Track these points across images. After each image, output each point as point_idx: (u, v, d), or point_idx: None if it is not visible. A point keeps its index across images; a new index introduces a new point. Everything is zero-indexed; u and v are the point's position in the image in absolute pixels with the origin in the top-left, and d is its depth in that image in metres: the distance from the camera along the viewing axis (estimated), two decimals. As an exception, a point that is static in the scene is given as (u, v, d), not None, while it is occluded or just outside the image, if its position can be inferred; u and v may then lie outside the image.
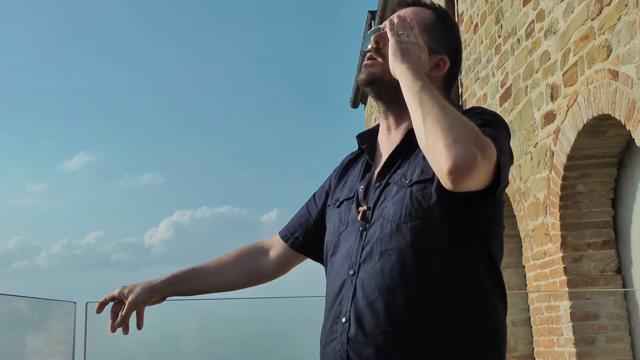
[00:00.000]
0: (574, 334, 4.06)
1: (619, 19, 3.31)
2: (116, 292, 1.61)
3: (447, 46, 1.45)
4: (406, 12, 1.47)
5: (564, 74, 4.01)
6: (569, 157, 4.02)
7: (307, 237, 1.59)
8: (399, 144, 1.39)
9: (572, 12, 3.87)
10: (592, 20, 3.60)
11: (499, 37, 5.21)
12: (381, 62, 1.42)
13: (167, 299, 1.64)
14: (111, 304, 1.62)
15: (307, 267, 1.67)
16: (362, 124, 13.32)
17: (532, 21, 4.50)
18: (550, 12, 4.21)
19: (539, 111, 4.43)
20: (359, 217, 1.37)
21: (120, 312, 1.58)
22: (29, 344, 2.61)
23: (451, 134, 1.14)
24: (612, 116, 3.42)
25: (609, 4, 3.41)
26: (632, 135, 3.26)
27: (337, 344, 1.30)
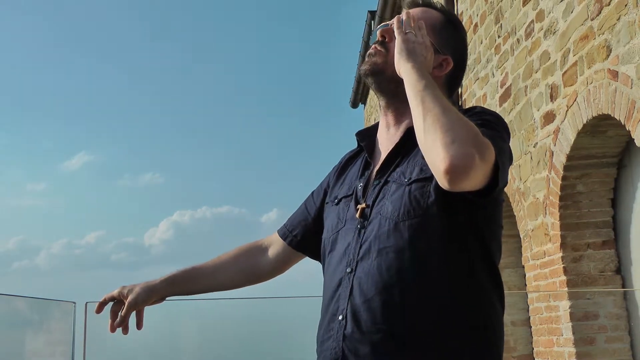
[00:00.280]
0: (574, 334, 4.06)
1: (619, 19, 3.31)
2: (115, 292, 1.61)
3: (452, 48, 1.45)
4: (415, 12, 1.47)
5: (563, 74, 4.01)
6: (569, 157, 4.02)
7: (305, 235, 1.59)
8: (398, 141, 1.39)
9: (571, 12, 3.87)
10: (592, 20, 3.60)
11: (499, 37, 5.21)
12: (384, 53, 1.43)
13: (166, 299, 1.64)
14: (111, 304, 1.62)
15: (307, 267, 1.67)
16: (361, 124, 13.32)
17: (532, 21, 4.50)
18: (549, 12, 4.21)
19: (538, 111, 4.43)
20: (357, 215, 1.37)
21: (119, 312, 1.59)
22: (28, 344, 2.61)
23: (450, 134, 1.14)
24: (612, 116, 3.42)
25: (609, 4, 3.41)
26: (632, 135, 3.26)
27: (333, 341, 1.30)
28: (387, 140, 1.45)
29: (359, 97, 12.49)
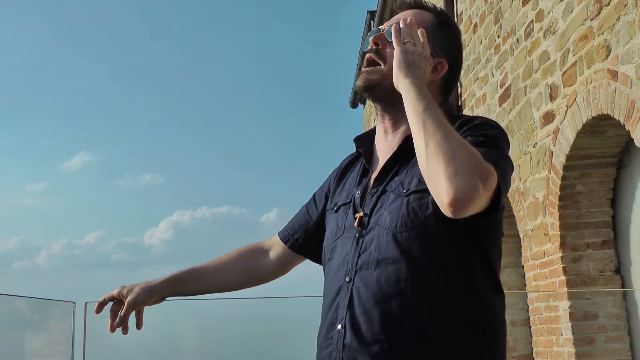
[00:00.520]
0: (573, 334, 4.06)
1: (618, 19, 3.31)
2: (115, 292, 1.61)
3: (446, 50, 1.44)
4: (407, 14, 1.45)
5: (563, 74, 4.02)
6: (568, 157, 4.03)
7: (306, 239, 1.60)
8: (396, 150, 1.38)
9: (571, 12, 3.87)
10: (592, 20, 3.60)
11: (498, 37, 5.21)
12: (380, 67, 1.41)
13: (166, 299, 1.65)
14: (110, 304, 1.62)
15: (308, 267, 1.67)
16: (361, 124, 13.33)
17: (532, 21, 4.50)
18: (549, 12, 4.21)
19: (538, 111, 4.43)
20: (355, 224, 1.36)
21: (119, 312, 1.59)
22: (28, 344, 2.61)
23: (453, 164, 1.13)
24: (612, 116, 3.43)
25: (608, 4, 3.41)
26: (631, 135, 3.26)
27: (332, 350, 1.30)
28: (384, 146, 1.44)
29: (359, 97, 12.48)
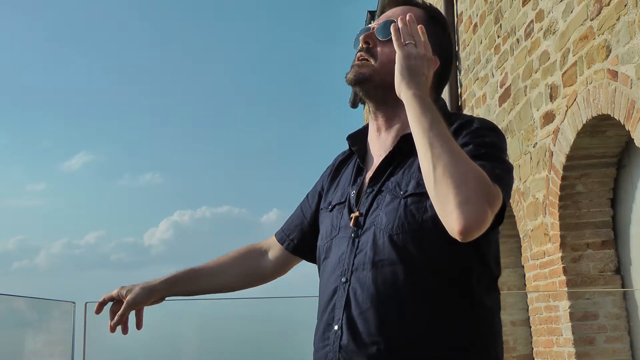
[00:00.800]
0: (573, 334, 4.06)
1: (618, 19, 3.31)
2: (115, 292, 1.61)
3: (437, 46, 1.42)
4: (395, 11, 1.45)
5: (563, 74, 4.02)
6: (568, 157, 4.03)
7: (302, 240, 1.59)
8: (392, 149, 1.37)
9: (571, 12, 3.87)
10: (592, 20, 3.60)
11: (498, 37, 5.21)
12: (372, 63, 1.40)
13: (166, 298, 1.65)
14: (110, 304, 1.62)
15: (307, 267, 1.67)
16: (361, 124, 13.29)
17: (532, 21, 4.51)
18: (549, 12, 4.21)
19: (538, 111, 4.43)
20: (351, 223, 1.35)
21: (118, 312, 1.59)
22: (28, 344, 2.61)
23: (463, 191, 1.12)
24: (612, 116, 3.43)
25: (608, 4, 3.41)
26: (632, 135, 3.26)
27: (329, 351, 1.30)
28: (378, 145, 1.43)
29: (359, 98, 12.46)
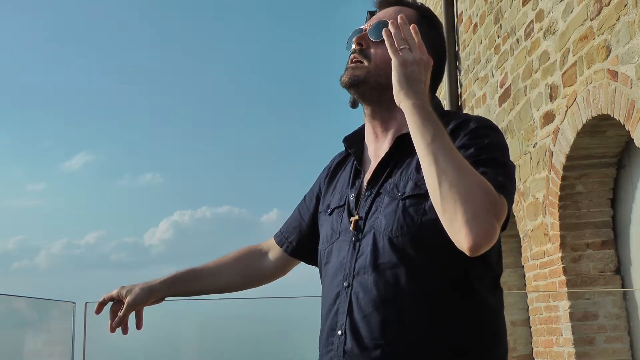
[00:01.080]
0: (573, 334, 4.06)
1: (618, 19, 3.31)
2: (115, 292, 1.61)
3: (430, 45, 1.40)
4: (387, 12, 1.44)
5: (563, 74, 4.02)
6: (568, 157, 4.03)
7: (301, 242, 1.60)
8: (388, 151, 1.37)
9: (571, 12, 3.87)
10: (591, 20, 3.60)
11: (498, 37, 5.21)
12: (366, 64, 1.39)
13: (166, 298, 1.65)
14: (110, 304, 1.63)
15: (307, 268, 1.67)
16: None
17: (532, 21, 4.50)
18: (549, 12, 4.21)
19: (538, 111, 4.43)
20: (351, 227, 1.35)
21: (119, 312, 1.59)
22: (28, 344, 2.61)
23: (470, 207, 1.12)
24: (611, 116, 3.43)
25: (608, 4, 3.41)
26: (631, 135, 3.26)
27: (333, 356, 1.30)
28: (375, 147, 1.42)
29: (359, 97, 12.46)
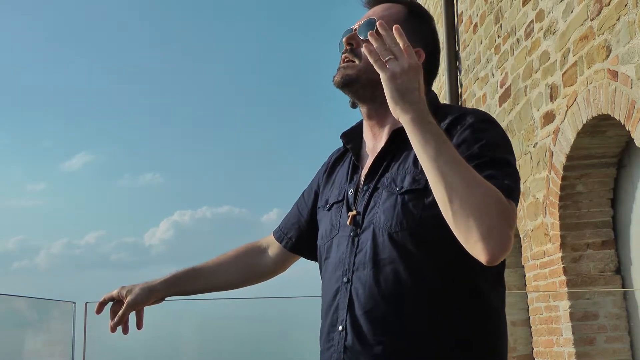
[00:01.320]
0: (573, 334, 4.06)
1: (619, 19, 3.31)
2: (115, 292, 1.61)
3: (421, 39, 1.41)
4: (376, 10, 1.44)
5: (563, 74, 4.02)
6: (569, 157, 4.02)
7: (300, 238, 1.60)
8: (384, 145, 1.36)
9: (571, 12, 3.87)
10: (592, 20, 3.60)
11: (499, 37, 5.21)
12: (357, 63, 1.39)
13: (166, 298, 1.65)
14: (110, 304, 1.63)
15: (306, 265, 1.68)
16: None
17: (532, 21, 4.50)
18: (549, 12, 4.21)
19: (538, 111, 4.43)
20: (349, 222, 1.35)
21: (119, 313, 1.59)
22: (28, 344, 2.61)
23: (485, 222, 1.11)
24: (612, 116, 3.42)
25: (609, 4, 3.41)
26: (632, 135, 3.26)
27: (334, 352, 1.30)
28: (372, 142, 1.42)
29: (359, 97, 12.46)
